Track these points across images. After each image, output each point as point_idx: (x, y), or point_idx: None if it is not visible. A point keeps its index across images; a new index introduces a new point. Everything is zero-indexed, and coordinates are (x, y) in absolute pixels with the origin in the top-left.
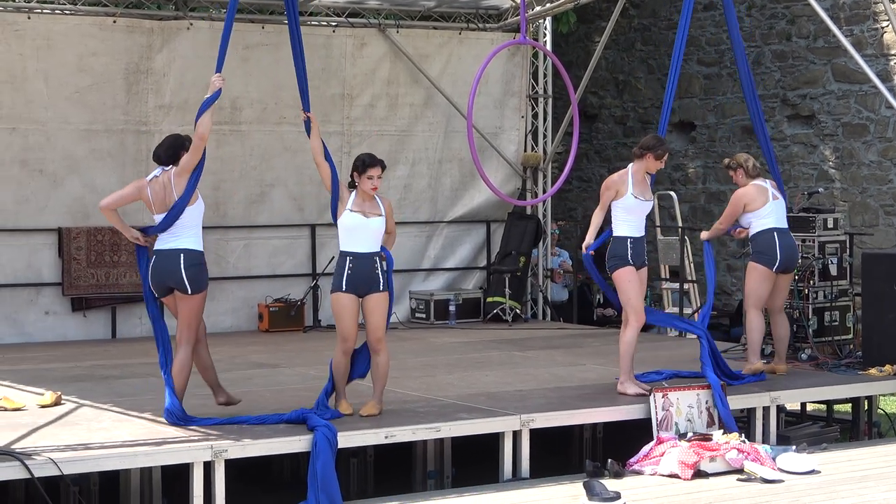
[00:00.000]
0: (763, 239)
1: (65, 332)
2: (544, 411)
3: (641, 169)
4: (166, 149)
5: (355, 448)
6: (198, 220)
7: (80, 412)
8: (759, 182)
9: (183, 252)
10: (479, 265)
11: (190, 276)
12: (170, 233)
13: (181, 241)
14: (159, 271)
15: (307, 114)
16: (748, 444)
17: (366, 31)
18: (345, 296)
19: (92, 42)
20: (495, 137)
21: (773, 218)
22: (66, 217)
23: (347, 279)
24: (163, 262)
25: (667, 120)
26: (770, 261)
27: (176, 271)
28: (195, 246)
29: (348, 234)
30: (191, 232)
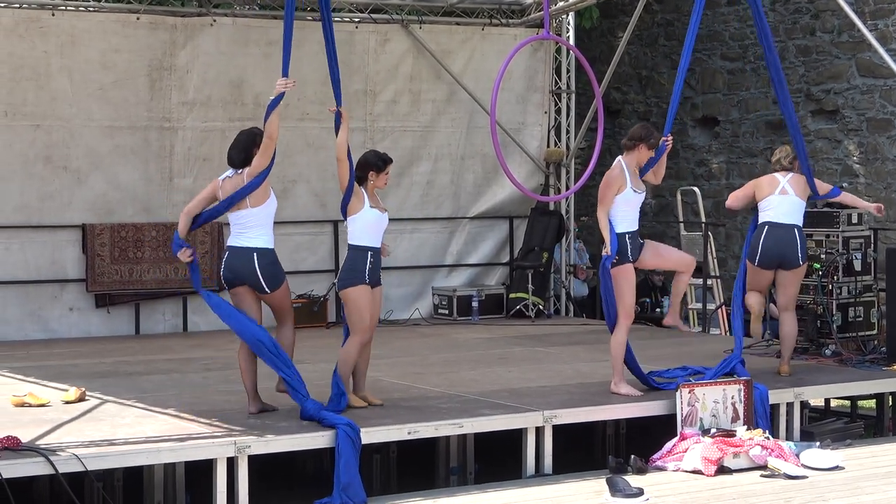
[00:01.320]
0: (756, 232)
1: (89, 329)
2: (567, 407)
3: (634, 161)
4: (240, 150)
5: (378, 444)
6: (269, 220)
7: (103, 408)
8: (778, 175)
9: (256, 252)
10: (502, 261)
11: (265, 276)
12: (240, 231)
13: (254, 240)
14: (233, 267)
15: (339, 108)
16: (772, 441)
17: (388, 26)
18: (366, 288)
19: (115, 39)
20: (518, 133)
21: (771, 212)
22: (90, 213)
23: (370, 273)
24: (236, 259)
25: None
26: (752, 254)
27: (252, 271)
28: (267, 244)
29: (368, 229)
30: (262, 231)
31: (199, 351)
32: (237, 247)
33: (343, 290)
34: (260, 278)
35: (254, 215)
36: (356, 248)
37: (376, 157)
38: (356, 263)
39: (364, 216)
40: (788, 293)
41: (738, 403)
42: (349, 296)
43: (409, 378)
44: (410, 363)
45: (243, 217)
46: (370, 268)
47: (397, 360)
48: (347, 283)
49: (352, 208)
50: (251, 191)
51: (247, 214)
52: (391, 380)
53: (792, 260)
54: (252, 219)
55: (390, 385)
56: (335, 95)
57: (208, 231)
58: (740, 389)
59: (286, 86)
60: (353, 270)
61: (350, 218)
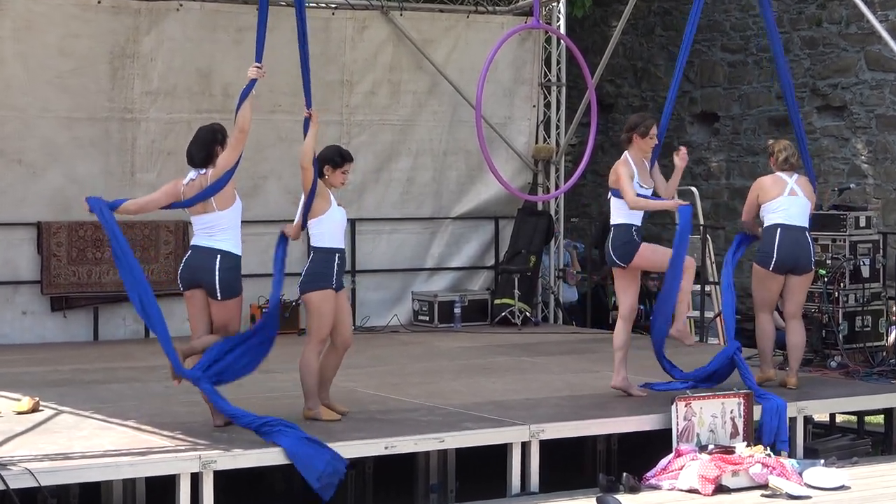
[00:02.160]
0: (766, 235)
1: (43, 334)
2: (555, 421)
3: (636, 153)
4: (200, 147)
5: (354, 459)
6: (237, 222)
7: (59, 419)
8: (782, 175)
9: (220, 254)
10: (487, 264)
11: (222, 280)
12: (208, 233)
13: (221, 242)
14: (192, 267)
15: (309, 111)
16: (773, 458)
17: (367, 13)
18: (332, 293)
19: (75, 23)
20: (505, 128)
21: (782, 214)
22: (46, 210)
23: (337, 276)
24: (198, 258)
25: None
26: (766, 259)
27: (210, 272)
28: (233, 249)
29: (336, 229)
30: (230, 234)
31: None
32: (202, 246)
33: (307, 295)
34: (216, 281)
35: (222, 218)
36: (324, 251)
37: (335, 152)
38: (323, 267)
39: (332, 216)
40: (798, 300)
41: (738, 418)
42: (313, 301)
43: (387, 389)
44: (388, 373)
45: (211, 220)
46: (337, 271)
47: (374, 369)
48: (312, 287)
49: (318, 209)
50: (217, 191)
51: (215, 218)
52: (367, 391)
53: (805, 264)
54: (221, 221)
55: (366, 396)
56: (305, 95)
57: (172, 230)
58: (740, 403)
59: (257, 73)
60: (320, 274)
61: (316, 219)
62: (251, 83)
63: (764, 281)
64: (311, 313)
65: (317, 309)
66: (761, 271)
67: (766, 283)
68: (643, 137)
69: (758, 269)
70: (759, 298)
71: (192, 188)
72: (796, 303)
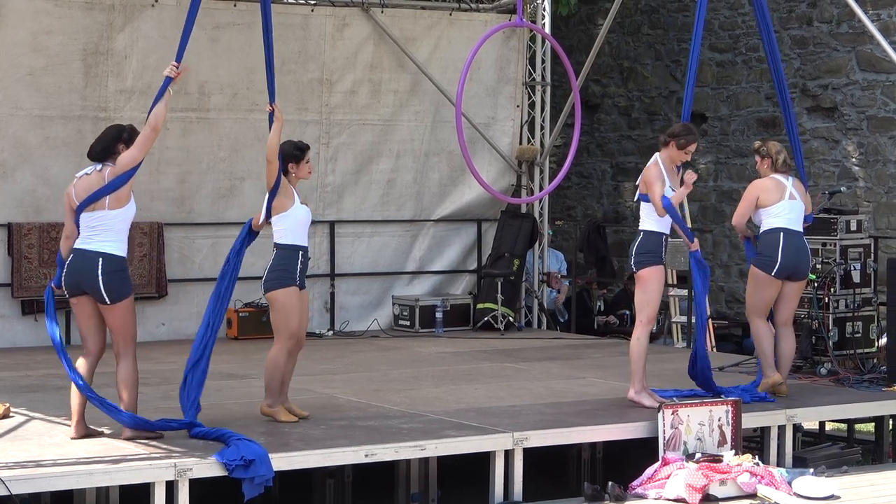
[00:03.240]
0: (767, 239)
1: (14, 338)
2: (539, 429)
3: (668, 158)
4: (99, 141)
5: (333, 468)
6: (125, 226)
7: (30, 426)
8: (780, 177)
9: (102, 256)
10: (469, 268)
11: (107, 283)
12: (91, 234)
13: (103, 245)
14: (75, 271)
15: (272, 106)
16: (762, 467)
17: (347, 10)
18: (296, 290)
19: (47, 19)
20: (488, 128)
21: (783, 218)
22: (17, 212)
23: (300, 274)
24: (80, 263)
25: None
26: (769, 263)
27: (93, 277)
28: (117, 251)
29: (299, 227)
30: (114, 236)
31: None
32: (83, 249)
33: (271, 293)
34: (101, 284)
35: (110, 218)
36: (287, 248)
37: (293, 147)
38: (287, 264)
39: (295, 213)
40: (791, 306)
41: (726, 426)
42: (278, 298)
43: (367, 395)
44: (368, 379)
45: (97, 219)
46: (300, 269)
47: (353, 375)
48: (276, 285)
49: (280, 206)
50: (114, 189)
51: (101, 216)
52: (347, 397)
53: (804, 270)
54: (107, 222)
55: (346, 403)
56: (269, 90)
57: (147, 232)
58: (728, 411)
59: (173, 72)
60: (284, 271)
61: (280, 216)
62: (166, 81)
63: (763, 286)
64: (276, 311)
65: (282, 306)
66: (761, 275)
67: (764, 288)
68: (679, 150)
69: (757, 273)
70: (755, 303)
71: (84, 182)
72: (790, 309)
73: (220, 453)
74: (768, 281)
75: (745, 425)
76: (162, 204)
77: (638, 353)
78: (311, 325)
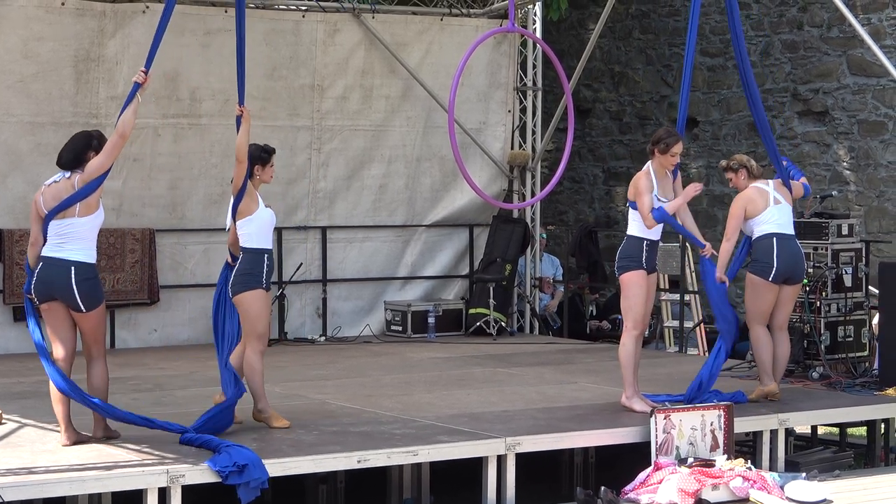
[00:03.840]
0: (760, 246)
1: (6, 345)
2: (532, 434)
3: (658, 166)
4: (69, 149)
5: (325, 473)
6: (93, 233)
7: (22, 433)
8: (760, 185)
9: (74, 265)
10: (461, 273)
11: (82, 292)
12: (60, 242)
13: (73, 252)
14: (45, 280)
15: (242, 108)
16: (754, 471)
17: (338, 16)
18: (265, 293)
19: (38, 26)
20: (479, 133)
21: (773, 224)
22: (8, 218)
23: (266, 276)
24: (50, 272)
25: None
26: (766, 269)
27: (66, 286)
28: (88, 259)
29: (266, 230)
30: (83, 244)
31: (128, 370)
32: (53, 257)
33: (240, 296)
34: (76, 294)
35: (79, 225)
36: (254, 252)
37: (259, 150)
38: (253, 267)
39: (261, 216)
40: (787, 311)
41: (718, 430)
42: (247, 300)
43: (359, 401)
44: (360, 384)
45: (66, 226)
46: (266, 272)
47: (346, 381)
48: (244, 288)
49: (246, 209)
50: (84, 196)
51: (70, 224)
52: (339, 403)
53: (800, 274)
54: (76, 229)
55: (338, 409)
56: (239, 93)
57: (139, 238)
58: (720, 415)
59: (140, 77)
60: (251, 274)
61: (245, 219)
62: (134, 87)
63: (761, 292)
64: (244, 314)
65: (251, 308)
66: (759, 282)
67: (763, 295)
68: (663, 154)
69: (755, 280)
70: (754, 310)
71: (52, 190)
72: (785, 314)
73: (212, 460)
74: (766, 287)
75: (738, 430)
76: (153, 210)
77: (625, 359)
78: (303, 330)
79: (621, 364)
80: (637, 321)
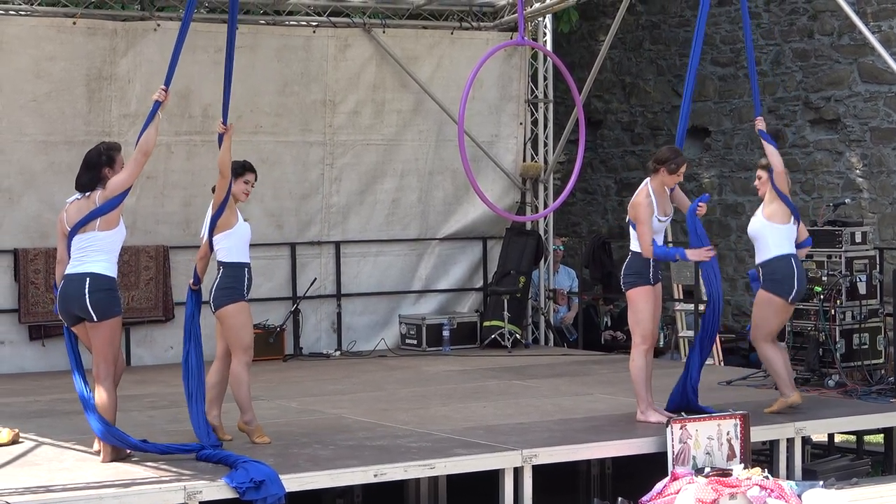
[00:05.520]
0: (781, 266)
1: (22, 364)
2: (548, 446)
3: (659, 184)
4: (85, 170)
5: (342, 488)
6: (114, 247)
7: (39, 451)
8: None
9: (89, 276)
10: (475, 286)
11: (94, 302)
12: (80, 256)
13: (91, 265)
14: (64, 297)
15: (224, 126)
16: (771, 480)
17: (349, 31)
18: (247, 305)
19: (50, 45)
20: (491, 146)
21: (790, 244)
22: (23, 237)
23: (247, 289)
24: (69, 288)
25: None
26: (788, 290)
27: (80, 297)
28: (105, 272)
29: (244, 244)
30: (103, 257)
31: (144, 387)
32: (72, 273)
33: (223, 309)
34: (87, 302)
35: (99, 239)
36: (233, 266)
37: (237, 163)
38: (235, 281)
39: (239, 230)
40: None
41: (735, 440)
42: (230, 312)
43: (375, 415)
44: (376, 398)
45: (86, 240)
46: (247, 285)
47: (362, 395)
48: (227, 301)
49: (226, 223)
50: (105, 212)
51: (90, 238)
52: (355, 417)
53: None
54: (96, 243)
55: (354, 423)
56: (223, 111)
57: (153, 255)
58: (736, 425)
59: (161, 95)
60: (233, 288)
61: (224, 233)
62: (155, 106)
63: (779, 311)
64: (229, 327)
65: (235, 320)
66: (778, 302)
67: (780, 313)
68: (670, 174)
69: (773, 299)
70: (767, 329)
71: (75, 207)
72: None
73: (228, 476)
74: (784, 307)
75: (754, 439)
76: (167, 227)
77: (637, 375)
78: (318, 345)
79: (633, 380)
80: (645, 336)
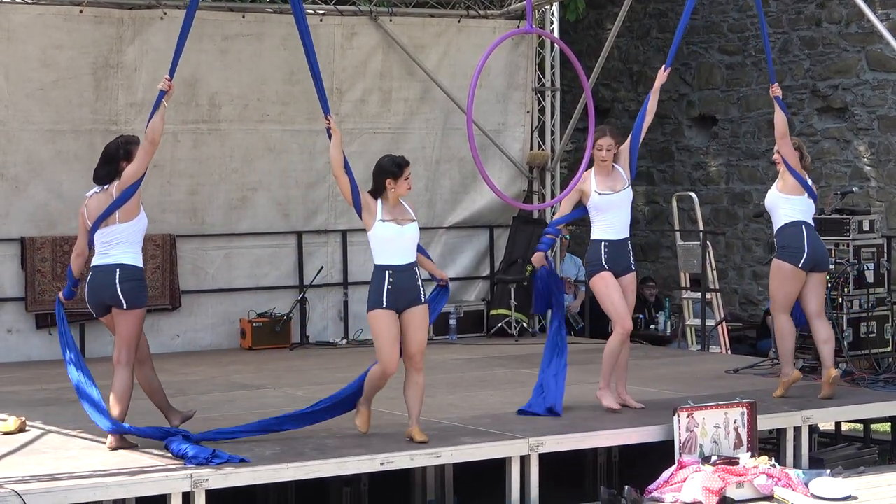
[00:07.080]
0: (789, 232)
1: (29, 352)
2: (555, 434)
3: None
4: (103, 163)
5: (349, 476)
6: (138, 237)
7: (46, 439)
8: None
9: (119, 267)
10: (482, 275)
11: (125, 291)
12: (105, 249)
13: (118, 256)
14: (95, 288)
15: (328, 119)
16: (778, 469)
17: (356, 19)
18: (385, 313)
19: (56, 34)
20: (498, 135)
21: (802, 213)
22: (30, 226)
23: (388, 295)
24: (98, 278)
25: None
26: (796, 254)
27: (111, 286)
28: (133, 262)
29: (384, 245)
30: (129, 248)
31: None
32: (100, 265)
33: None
34: (118, 290)
35: (121, 231)
36: (376, 268)
37: (391, 163)
38: (375, 284)
39: (376, 232)
40: (820, 298)
41: (742, 428)
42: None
43: (381, 403)
44: None
45: (109, 234)
46: (389, 290)
47: None
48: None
49: (366, 224)
50: (122, 204)
51: (113, 231)
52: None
53: (826, 262)
54: (119, 235)
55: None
56: (321, 104)
57: (159, 244)
58: (743, 413)
59: (165, 85)
60: (372, 292)
61: (368, 234)
62: (160, 95)
63: (788, 278)
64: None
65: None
66: (787, 268)
67: (790, 281)
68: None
69: (783, 266)
70: (781, 297)
71: (94, 201)
72: (818, 301)
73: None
74: (794, 273)
75: (761, 427)
76: (174, 216)
77: (606, 355)
78: (325, 333)
79: (603, 360)
80: (616, 321)
